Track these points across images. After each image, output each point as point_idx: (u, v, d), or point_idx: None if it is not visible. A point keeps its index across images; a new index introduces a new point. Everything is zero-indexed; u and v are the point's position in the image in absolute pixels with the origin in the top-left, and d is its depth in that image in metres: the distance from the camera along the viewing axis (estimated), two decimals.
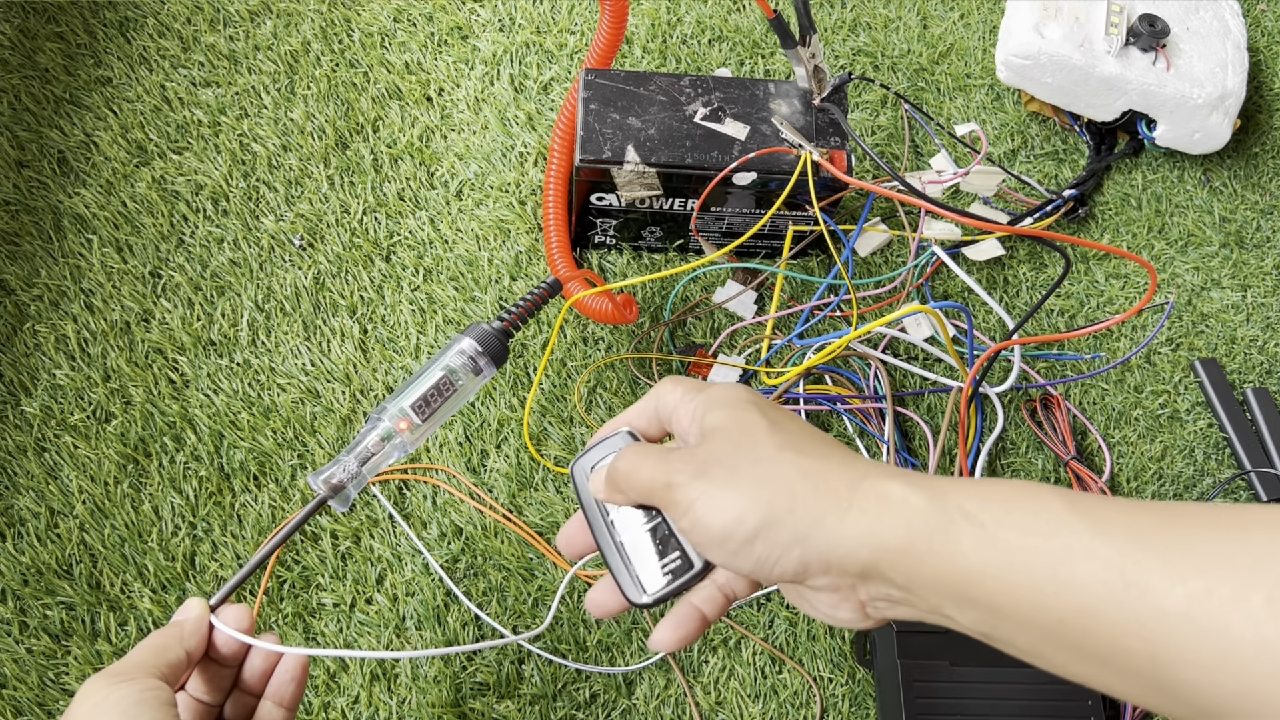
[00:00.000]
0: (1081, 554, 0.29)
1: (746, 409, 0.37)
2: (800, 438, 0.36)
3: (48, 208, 0.68)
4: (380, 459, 0.47)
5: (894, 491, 0.33)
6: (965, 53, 0.82)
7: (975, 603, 0.31)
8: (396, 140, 0.73)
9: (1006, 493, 0.32)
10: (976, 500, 0.32)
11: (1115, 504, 0.30)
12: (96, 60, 0.73)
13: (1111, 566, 0.28)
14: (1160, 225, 0.78)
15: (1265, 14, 0.87)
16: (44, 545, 0.59)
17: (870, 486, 0.33)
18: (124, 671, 0.38)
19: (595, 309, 0.63)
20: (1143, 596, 0.28)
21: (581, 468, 0.41)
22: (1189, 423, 0.71)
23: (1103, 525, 0.29)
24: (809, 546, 0.33)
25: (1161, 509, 0.30)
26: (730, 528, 0.34)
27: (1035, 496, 0.31)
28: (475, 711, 0.58)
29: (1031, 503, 0.31)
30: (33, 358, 0.64)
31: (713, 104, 0.64)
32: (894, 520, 0.32)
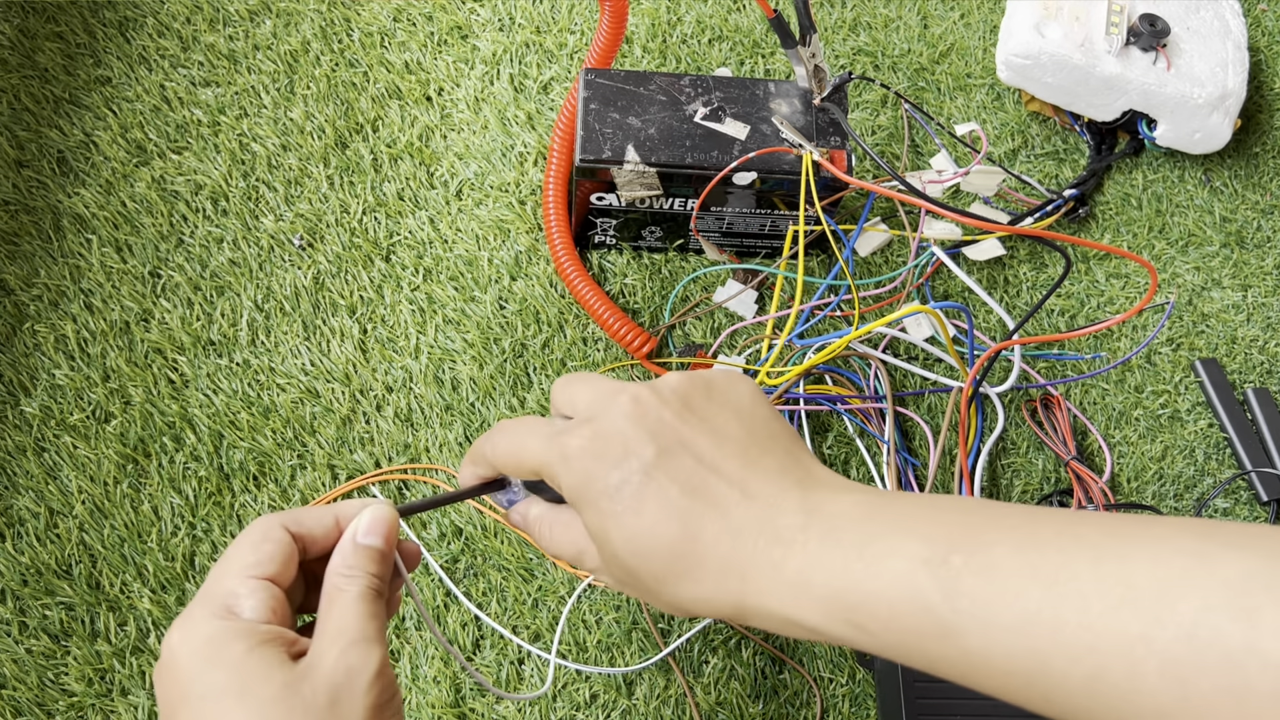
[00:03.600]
0: None
1: (594, 463, 0.36)
2: (669, 467, 0.35)
3: (47, 207, 0.68)
4: None
5: (794, 614, 0.33)
6: (965, 52, 0.82)
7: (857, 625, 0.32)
8: (396, 140, 0.73)
9: (893, 598, 0.31)
10: (864, 613, 0.32)
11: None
12: (96, 60, 0.73)
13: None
14: (1161, 225, 0.78)
15: (1266, 14, 0.87)
16: (43, 545, 0.59)
17: (760, 605, 0.33)
18: (385, 668, 0.32)
19: (622, 336, 0.65)
20: None
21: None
22: (1189, 423, 0.71)
23: None
24: (667, 602, 0.35)
25: None
26: (622, 584, 0.36)
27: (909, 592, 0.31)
28: (475, 712, 0.58)
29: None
30: (32, 358, 0.63)
31: (713, 104, 0.64)
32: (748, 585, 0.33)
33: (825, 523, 0.32)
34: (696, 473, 0.34)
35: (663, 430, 0.35)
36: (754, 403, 0.37)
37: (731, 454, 0.35)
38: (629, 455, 0.34)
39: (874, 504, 0.33)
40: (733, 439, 0.35)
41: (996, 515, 0.31)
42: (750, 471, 0.34)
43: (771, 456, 0.35)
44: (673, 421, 0.35)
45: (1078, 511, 0.31)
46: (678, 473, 0.34)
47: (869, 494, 0.34)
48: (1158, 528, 0.28)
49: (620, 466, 0.34)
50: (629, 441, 0.34)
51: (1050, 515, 0.31)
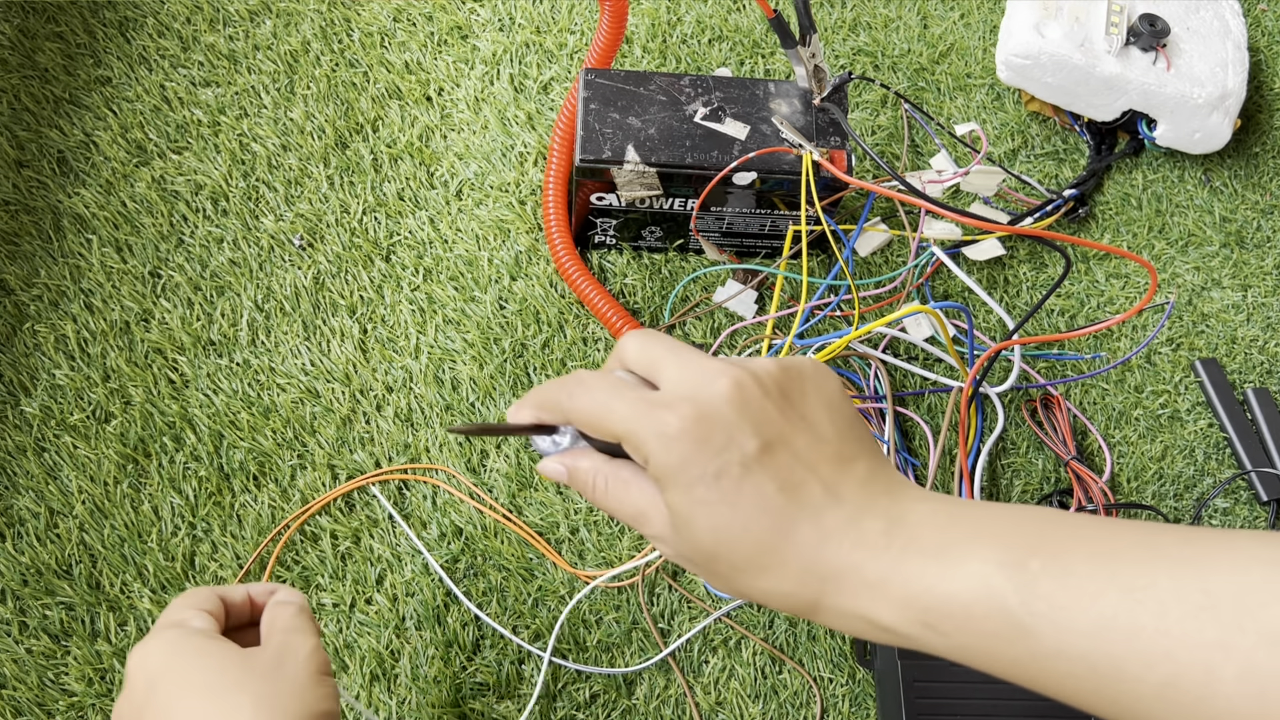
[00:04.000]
0: None
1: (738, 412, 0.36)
2: (767, 465, 0.35)
3: (47, 207, 0.68)
4: None
5: (869, 613, 0.33)
6: (965, 52, 0.82)
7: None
8: (396, 140, 0.73)
9: (969, 600, 0.31)
10: (939, 614, 0.32)
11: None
12: (96, 60, 0.73)
13: None
14: (1160, 225, 0.78)
15: (1265, 14, 0.87)
16: (43, 545, 0.59)
17: (837, 604, 0.33)
18: (319, 647, 0.41)
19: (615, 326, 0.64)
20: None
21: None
22: (1189, 423, 0.71)
23: None
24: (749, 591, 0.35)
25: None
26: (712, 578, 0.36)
27: (988, 599, 0.31)
28: (475, 712, 0.58)
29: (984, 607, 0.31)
30: (32, 358, 0.64)
31: (713, 104, 0.64)
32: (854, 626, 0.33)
33: (908, 529, 0.33)
34: (795, 471, 0.34)
35: (766, 422, 0.35)
36: (843, 400, 0.37)
37: (827, 455, 0.35)
38: (731, 445, 0.34)
39: (954, 511, 0.34)
40: (827, 439, 0.35)
41: (1075, 524, 0.32)
42: (842, 475, 0.35)
43: (860, 460, 0.35)
44: (775, 414, 0.35)
45: (1155, 524, 0.31)
46: (777, 469, 0.34)
47: (949, 502, 0.34)
48: (1236, 539, 0.29)
49: (721, 455, 0.34)
50: (733, 430, 0.34)
51: (1128, 526, 0.31)
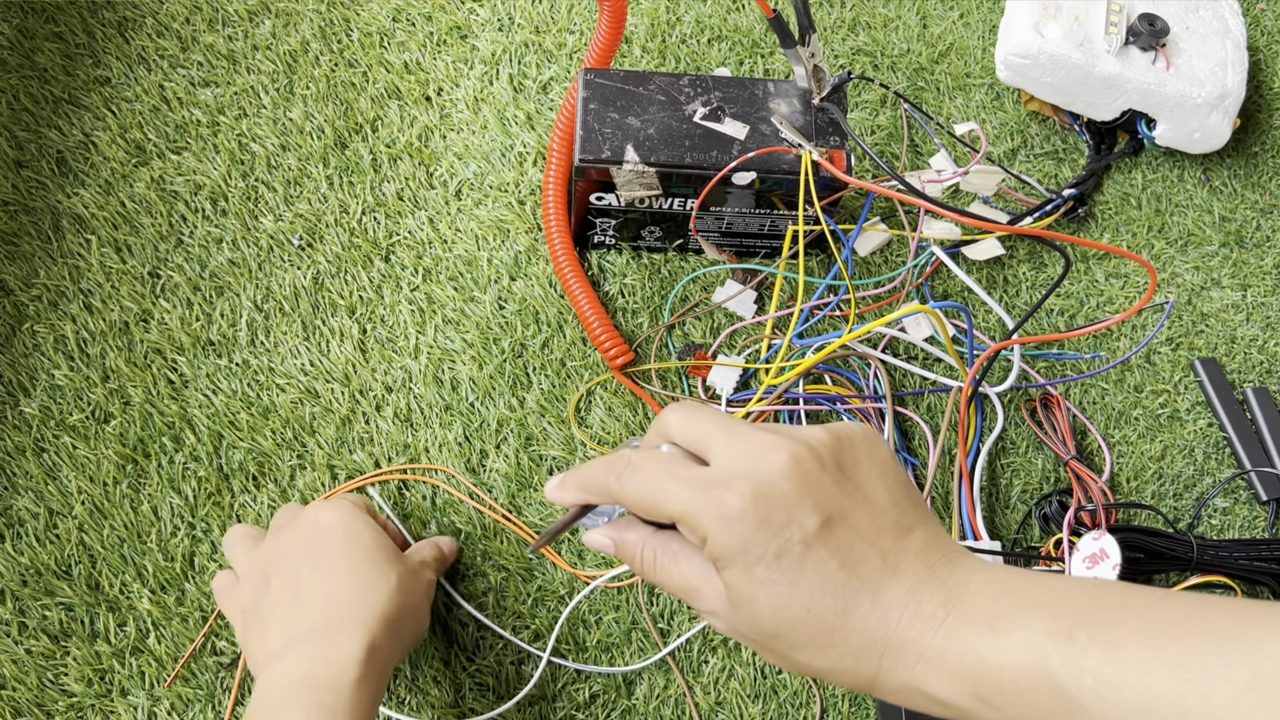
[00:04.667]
0: None
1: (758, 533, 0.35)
2: (838, 555, 0.35)
3: (46, 208, 0.68)
4: None
5: (923, 685, 0.33)
6: (965, 52, 0.82)
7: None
8: (395, 140, 0.73)
9: (1017, 672, 0.31)
10: (990, 686, 0.32)
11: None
12: (95, 60, 0.73)
13: None
14: (1160, 225, 0.78)
15: (1265, 13, 0.87)
16: (43, 546, 0.59)
17: (893, 679, 0.34)
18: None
19: (602, 343, 0.65)
20: None
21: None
22: (1189, 422, 0.71)
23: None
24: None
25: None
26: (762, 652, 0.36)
27: (1045, 678, 0.31)
28: (475, 712, 0.58)
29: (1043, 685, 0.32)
30: (31, 358, 0.63)
31: (712, 103, 0.64)
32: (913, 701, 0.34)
33: (964, 600, 0.33)
34: (855, 546, 0.34)
35: (825, 497, 0.34)
36: (895, 467, 0.37)
37: (885, 527, 0.35)
38: (792, 522, 0.34)
39: (1009, 581, 0.34)
40: (885, 509, 0.35)
41: (1126, 596, 0.32)
42: (901, 546, 0.35)
43: (918, 529, 0.35)
44: (833, 489, 0.35)
45: (1208, 597, 0.32)
46: (838, 545, 0.34)
47: (1005, 571, 0.34)
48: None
49: (782, 533, 0.34)
50: (793, 507, 0.34)
51: (1180, 600, 0.31)
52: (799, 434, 0.36)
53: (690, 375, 0.67)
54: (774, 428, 0.37)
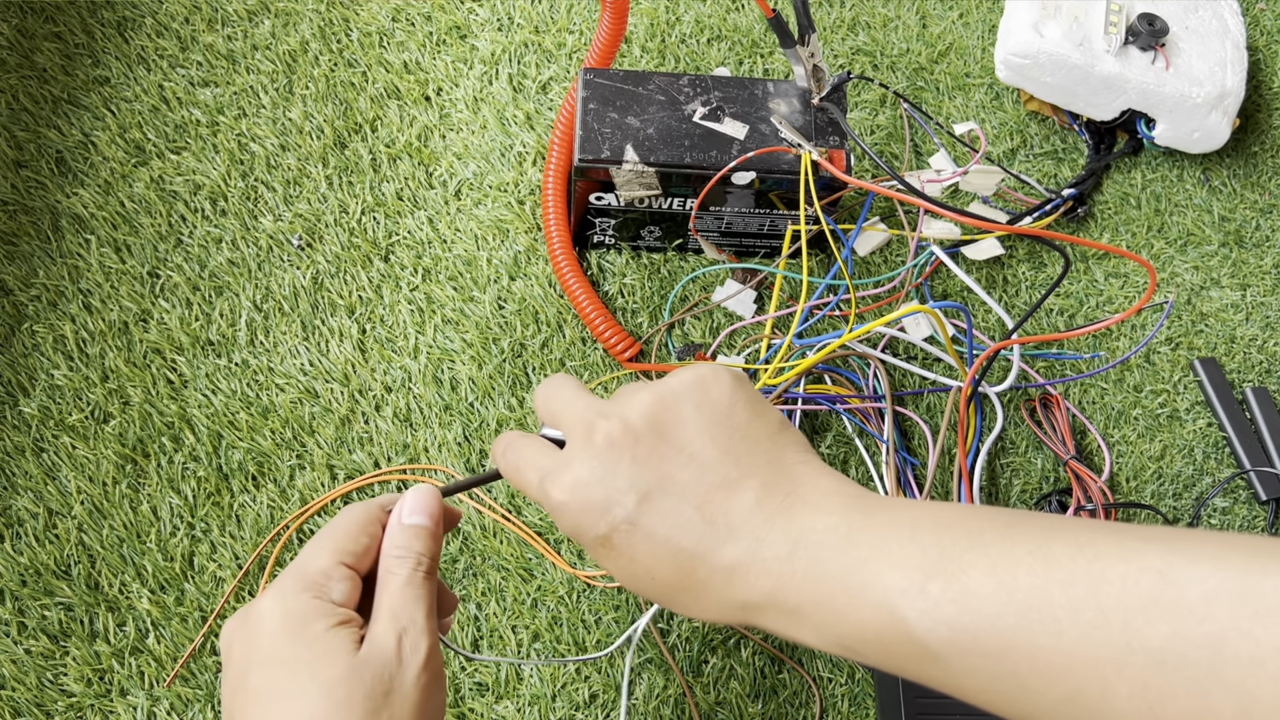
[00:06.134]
0: None
1: (610, 467, 0.36)
2: (707, 435, 0.36)
3: (45, 208, 0.68)
4: None
5: (796, 637, 0.34)
6: (964, 52, 0.82)
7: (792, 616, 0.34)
8: (395, 140, 0.73)
9: (878, 629, 0.32)
10: (854, 639, 0.33)
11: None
12: (94, 60, 0.73)
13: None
14: (1159, 224, 0.78)
15: (1265, 13, 0.87)
16: (42, 546, 0.59)
17: (767, 629, 0.35)
18: (436, 646, 0.35)
19: (607, 339, 0.65)
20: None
21: None
22: (1188, 422, 0.71)
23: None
24: (704, 614, 0.35)
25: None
26: (631, 586, 0.36)
27: (908, 525, 0.33)
28: (474, 712, 0.58)
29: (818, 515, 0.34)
30: (31, 358, 0.63)
31: (711, 103, 0.64)
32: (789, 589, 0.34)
33: (809, 550, 0.33)
34: (680, 513, 0.34)
35: (640, 473, 0.34)
36: (729, 409, 0.36)
37: (712, 484, 0.35)
38: (611, 506, 0.34)
39: (853, 524, 0.33)
40: (712, 464, 0.35)
41: (973, 532, 0.32)
42: (731, 503, 0.34)
43: (751, 479, 0.35)
44: (649, 459, 0.35)
45: (1054, 522, 0.32)
46: (663, 517, 0.34)
47: (844, 512, 0.34)
48: (1128, 542, 0.29)
49: (604, 518, 0.34)
50: (609, 491, 0.34)
51: (1026, 530, 0.31)
52: (621, 405, 0.36)
53: None
54: (605, 401, 0.38)
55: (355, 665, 0.33)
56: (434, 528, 0.38)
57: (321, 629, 0.33)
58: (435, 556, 0.38)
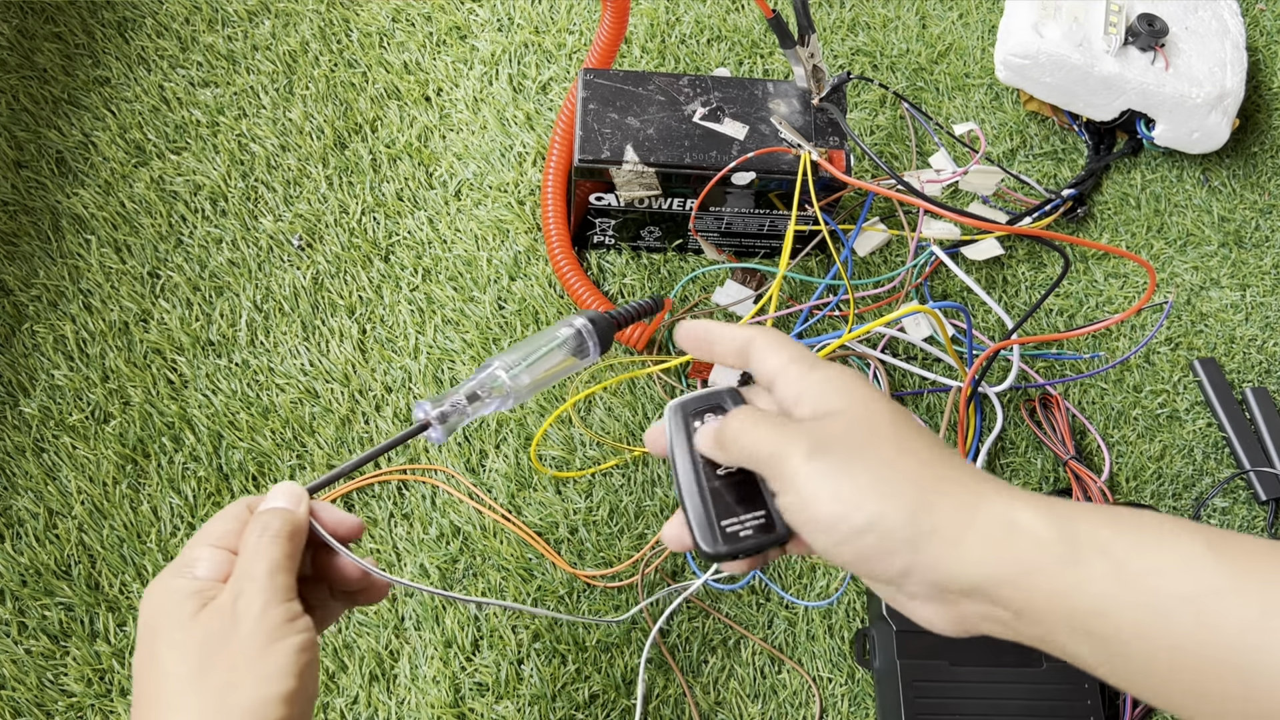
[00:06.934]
0: (1225, 596, 0.29)
1: (871, 398, 0.35)
2: (922, 441, 0.35)
3: (46, 208, 0.68)
4: (482, 406, 0.47)
5: (1020, 520, 0.32)
6: (964, 52, 0.82)
7: (1096, 636, 0.30)
8: (395, 140, 0.73)
9: (1141, 527, 0.31)
10: (1108, 530, 0.31)
11: (1255, 545, 0.30)
12: (95, 60, 0.73)
13: (1255, 611, 0.28)
14: (1159, 225, 0.78)
15: (1264, 13, 0.87)
16: (43, 546, 0.59)
17: (995, 512, 0.32)
18: (282, 598, 0.36)
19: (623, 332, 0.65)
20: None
21: (679, 411, 0.41)
22: (1188, 422, 0.71)
23: (1244, 568, 0.29)
24: (918, 558, 0.32)
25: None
26: (840, 516, 0.33)
27: (1172, 533, 0.30)
28: (475, 712, 0.58)
29: (1169, 539, 0.30)
30: (31, 358, 0.63)
31: (711, 104, 0.64)
32: (1017, 553, 0.31)
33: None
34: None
35: None
36: None
37: None
38: None
39: None
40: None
41: None
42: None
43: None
44: None
45: None
46: None
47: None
48: None
49: None
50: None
51: None
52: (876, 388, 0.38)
53: (691, 376, 0.67)
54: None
55: (194, 624, 0.36)
56: (288, 507, 0.40)
57: (177, 600, 0.37)
58: (292, 527, 0.39)
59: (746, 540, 0.38)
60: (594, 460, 0.64)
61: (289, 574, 0.38)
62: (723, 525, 0.39)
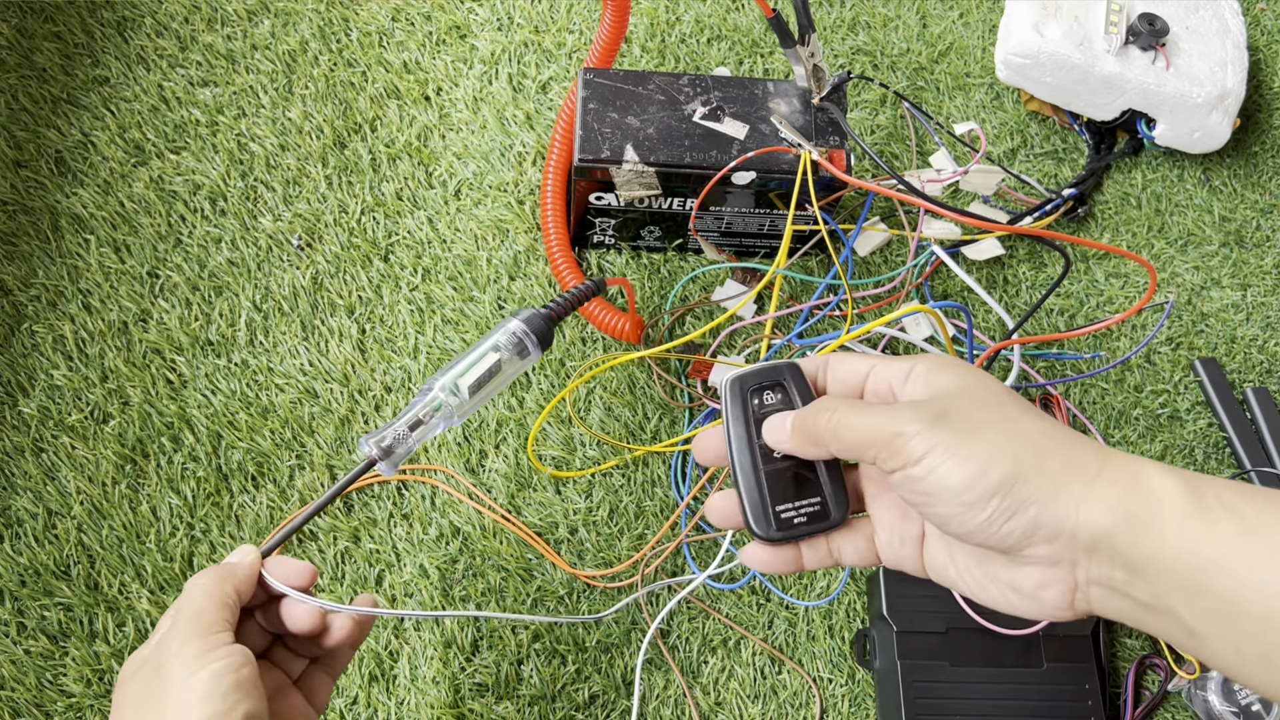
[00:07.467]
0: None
1: (978, 373, 0.36)
2: (1036, 412, 0.35)
3: (45, 208, 0.68)
4: (427, 429, 0.47)
5: (1148, 474, 0.32)
6: (964, 52, 0.82)
7: (1213, 594, 0.30)
8: (395, 140, 0.73)
9: (1268, 494, 0.31)
10: (1235, 494, 0.31)
11: None
12: (94, 60, 0.72)
13: None
14: (1160, 224, 0.78)
15: (1265, 13, 0.87)
16: (42, 546, 0.59)
17: (1122, 463, 0.32)
18: (202, 633, 0.38)
19: (610, 325, 0.65)
20: None
21: (737, 387, 0.40)
22: (1189, 422, 0.71)
23: None
24: (1046, 509, 0.32)
25: None
26: (972, 479, 0.33)
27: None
28: (474, 713, 0.58)
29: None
30: (30, 358, 0.63)
31: (711, 103, 0.64)
32: (1145, 498, 0.31)
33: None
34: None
35: None
36: None
37: None
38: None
39: None
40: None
41: None
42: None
43: None
44: None
45: None
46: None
47: None
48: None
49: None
50: None
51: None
52: None
53: (690, 376, 0.67)
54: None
55: (133, 679, 0.39)
56: (230, 561, 0.42)
57: (131, 668, 0.40)
58: (221, 573, 0.41)
59: (800, 527, 0.39)
60: (594, 460, 0.64)
61: (216, 612, 0.39)
62: (777, 510, 0.39)
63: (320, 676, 0.45)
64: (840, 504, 0.39)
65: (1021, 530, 0.32)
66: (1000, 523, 0.33)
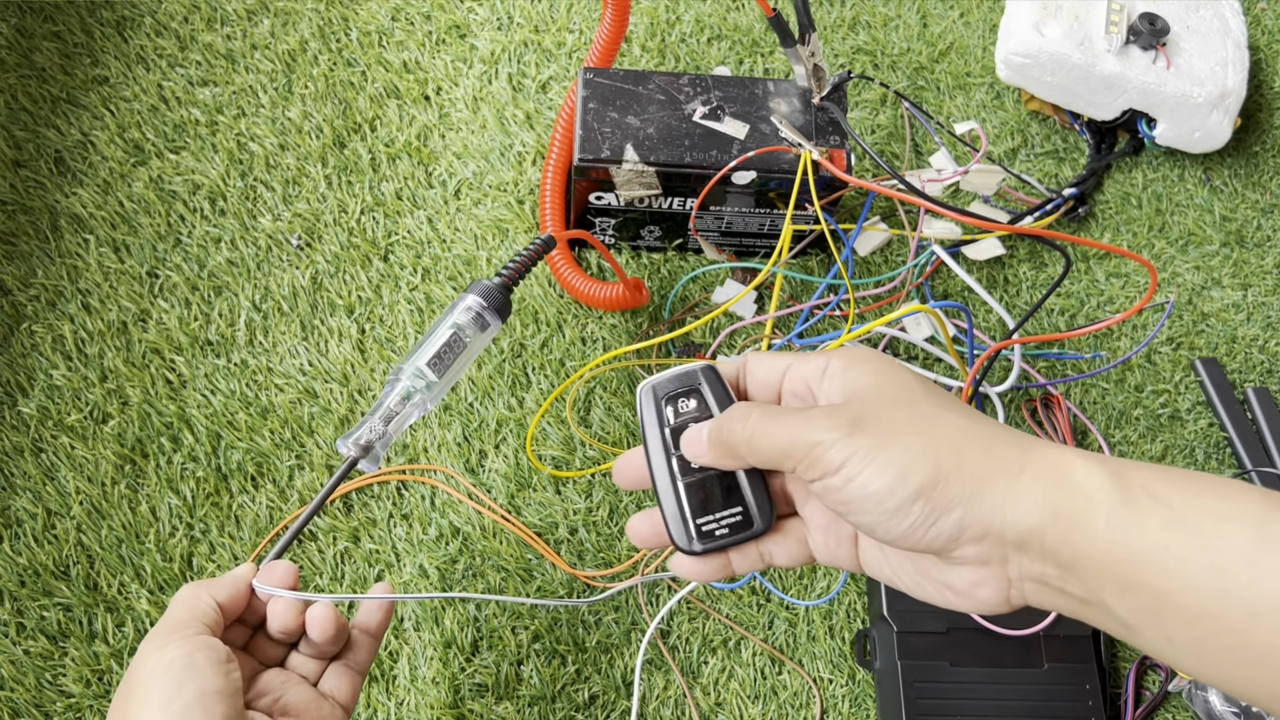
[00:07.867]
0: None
1: (895, 368, 0.35)
2: (957, 406, 0.34)
3: (44, 207, 0.68)
4: (402, 419, 0.48)
5: (1073, 467, 0.31)
6: (965, 51, 0.82)
7: (1144, 587, 0.29)
8: (394, 139, 0.73)
9: (1197, 480, 0.30)
10: (1162, 482, 0.30)
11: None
12: (94, 59, 0.72)
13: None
14: (1161, 224, 0.77)
15: (1266, 12, 0.87)
16: (41, 546, 0.59)
17: (1044, 456, 0.32)
18: (166, 633, 0.40)
19: (603, 296, 0.64)
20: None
21: (650, 395, 0.39)
22: (1189, 422, 0.71)
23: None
24: (971, 509, 0.31)
25: None
26: (891, 486, 0.32)
27: (1228, 488, 0.30)
28: (474, 713, 0.57)
29: (1225, 490, 0.30)
30: (29, 358, 0.63)
31: (712, 103, 0.64)
32: (1072, 493, 0.31)
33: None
34: None
35: None
36: None
37: None
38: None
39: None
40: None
41: None
42: None
43: None
44: None
45: None
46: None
47: None
48: None
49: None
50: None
51: None
52: None
53: None
54: None
55: (119, 693, 0.41)
56: (220, 577, 0.44)
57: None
58: (212, 587, 0.42)
59: (724, 538, 0.38)
60: (594, 460, 0.64)
61: (187, 616, 0.40)
62: (699, 524, 0.38)
63: (346, 674, 0.45)
64: (764, 511, 0.38)
65: (948, 533, 0.32)
66: (925, 528, 0.32)
